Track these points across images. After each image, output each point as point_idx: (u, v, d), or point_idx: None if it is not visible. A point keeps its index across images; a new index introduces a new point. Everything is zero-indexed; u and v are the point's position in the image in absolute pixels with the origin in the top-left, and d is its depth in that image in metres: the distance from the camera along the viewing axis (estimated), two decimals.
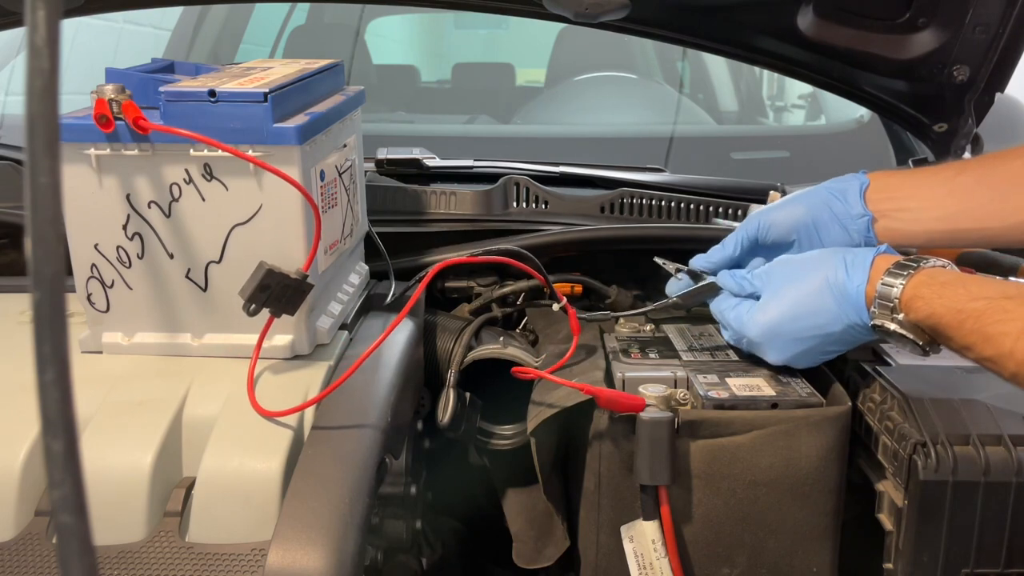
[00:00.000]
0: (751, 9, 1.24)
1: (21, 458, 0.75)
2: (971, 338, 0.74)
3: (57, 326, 0.34)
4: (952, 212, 0.92)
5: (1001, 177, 0.91)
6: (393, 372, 0.87)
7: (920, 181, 0.95)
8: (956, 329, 0.75)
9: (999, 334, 0.72)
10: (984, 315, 0.73)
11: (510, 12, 1.29)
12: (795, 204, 0.96)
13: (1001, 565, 0.79)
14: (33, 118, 0.34)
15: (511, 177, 1.26)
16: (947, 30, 1.20)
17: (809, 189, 0.98)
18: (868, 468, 0.88)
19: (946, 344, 0.79)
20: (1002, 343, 0.71)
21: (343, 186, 0.96)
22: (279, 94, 0.82)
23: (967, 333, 0.75)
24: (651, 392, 0.86)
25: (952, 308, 0.76)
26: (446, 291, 1.19)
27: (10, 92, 1.98)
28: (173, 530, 0.74)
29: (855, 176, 0.96)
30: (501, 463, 1.09)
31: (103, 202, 0.84)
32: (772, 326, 0.89)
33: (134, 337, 0.89)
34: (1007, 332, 0.71)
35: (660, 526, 0.85)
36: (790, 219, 0.95)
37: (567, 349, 0.98)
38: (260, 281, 0.80)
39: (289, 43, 2.66)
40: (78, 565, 0.35)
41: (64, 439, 0.34)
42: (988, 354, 0.73)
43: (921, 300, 0.78)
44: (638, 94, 2.50)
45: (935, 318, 0.77)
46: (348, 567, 0.68)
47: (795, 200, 0.97)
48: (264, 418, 0.78)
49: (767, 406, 0.87)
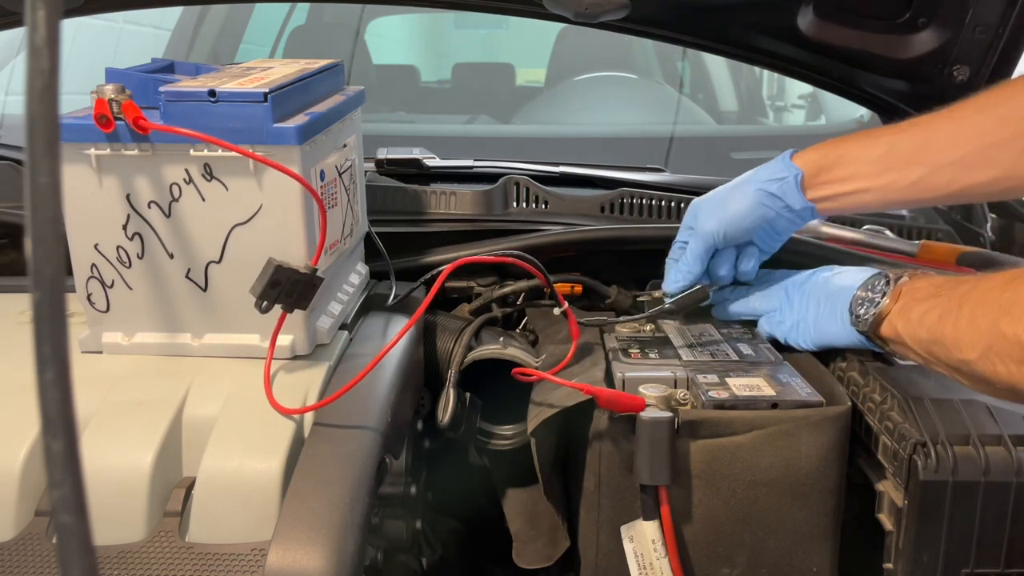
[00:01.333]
0: (751, 9, 1.24)
1: (21, 458, 0.75)
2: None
3: (57, 326, 0.34)
4: (885, 183, 0.94)
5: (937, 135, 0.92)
6: (393, 372, 0.88)
7: (854, 156, 0.95)
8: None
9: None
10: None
11: (510, 12, 1.29)
12: (741, 215, 0.99)
13: (1001, 565, 0.79)
14: (33, 118, 0.34)
15: (511, 177, 1.26)
16: (947, 30, 1.20)
17: (743, 185, 0.99)
18: (868, 468, 0.88)
19: None
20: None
21: (343, 186, 0.96)
22: (279, 94, 0.82)
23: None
24: (651, 392, 0.86)
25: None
26: (446, 291, 1.18)
27: (10, 92, 1.98)
28: (173, 530, 0.74)
29: (786, 165, 0.97)
30: (501, 463, 1.09)
31: (103, 202, 0.84)
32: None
33: (134, 337, 0.89)
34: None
35: (660, 526, 0.85)
36: (741, 228, 1.00)
37: (567, 349, 0.98)
38: (270, 278, 0.80)
39: (289, 43, 2.66)
40: (78, 565, 0.35)
41: (64, 439, 0.34)
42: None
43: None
44: (638, 94, 2.50)
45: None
46: (348, 567, 0.68)
47: (738, 209, 0.99)
48: (264, 418, 0.78)
49: (767, 406, 0.87)
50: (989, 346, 0.71)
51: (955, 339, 0.75)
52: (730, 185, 1.02)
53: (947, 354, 0.76)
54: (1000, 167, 0.87)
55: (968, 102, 0.91)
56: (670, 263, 1.06)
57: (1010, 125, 0.86)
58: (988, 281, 0.74)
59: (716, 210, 1.00)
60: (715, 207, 1.01)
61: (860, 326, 0.88)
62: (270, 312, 0.82)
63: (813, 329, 0.95)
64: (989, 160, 0.87)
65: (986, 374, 0.72)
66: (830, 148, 0.96)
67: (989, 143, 0.87)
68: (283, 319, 0.84)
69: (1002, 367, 0.70)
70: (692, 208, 1.04)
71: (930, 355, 0.80)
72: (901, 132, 0.92)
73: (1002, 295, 0.70)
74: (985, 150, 0.87)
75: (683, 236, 1.05)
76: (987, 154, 0.87)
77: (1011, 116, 0.86)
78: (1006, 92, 0.89)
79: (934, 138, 0.89)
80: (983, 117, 0.88)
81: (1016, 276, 0.71)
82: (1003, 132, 0.86)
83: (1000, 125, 0.86)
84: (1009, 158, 0.86)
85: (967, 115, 0.90)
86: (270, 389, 0.80)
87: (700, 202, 1.04)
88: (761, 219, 0.98)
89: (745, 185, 0.99)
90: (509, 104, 2.52)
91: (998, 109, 0.88)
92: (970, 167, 0.88)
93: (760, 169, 0.99)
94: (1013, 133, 0.86)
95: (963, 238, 1.29)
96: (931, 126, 0.91)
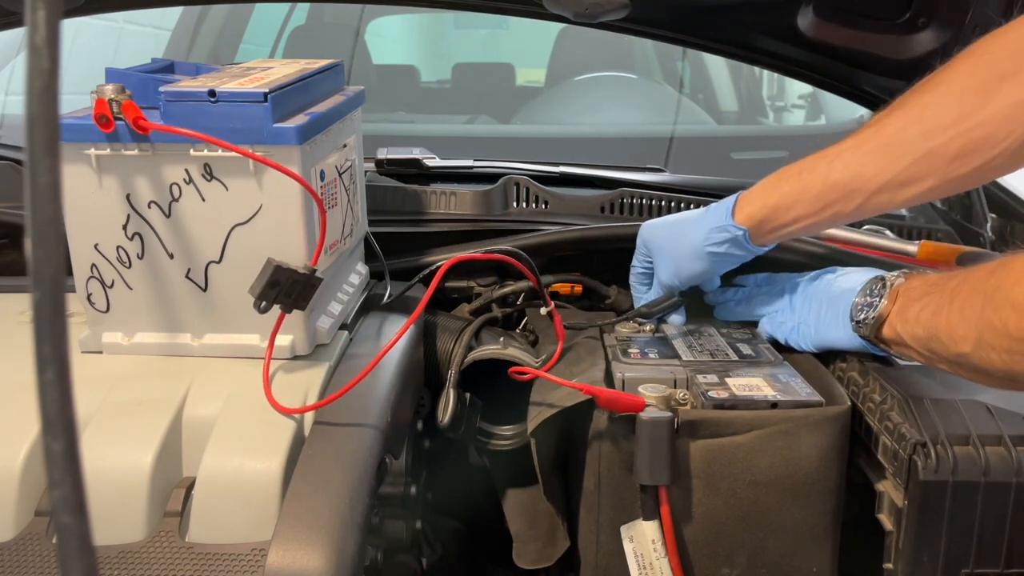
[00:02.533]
0: (751, 9, 1.24)
1: (21, 458, 0.75)
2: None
3: (57, 326, 0.34)
4: (830, 215, 0.93)
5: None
6: (393, 372, 0.87)
7: (792, 200, 0.94)
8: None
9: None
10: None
11: (510, 12, 1.29)
12: (697, 274, 1.01)
13: (1001, 565, 0.79)
14: (33, 118, 0.34)
15: (511, 177, 1.26)
16: (947, 30, 1.19)
17: (690, 242, 0.99)
18: (868, 468, 0.88)
19: None
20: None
21: (343, 186, 0.96)
22: (279, 94, 0.82)
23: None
24: (651, 392, 0.86)
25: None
26: (446, 291, 1.18)
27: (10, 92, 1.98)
28: (173, 530, 0.74)
29: (730, 225, 0.96)
30: (501, 463, 1.09)
31: (103, 202, 0.84)
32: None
33: (134, 337, 0.89)
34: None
35: (660, 526, 0.85)
36: (699, 278, 1.03)
37: (568, 349, 0.98)
38: (269, 278, 0.80)
39: (289, 43, 2.66)
40: (78, 565, 0.35)
41: (64, 439, 0.34)
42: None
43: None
44: (638, 94, 2.50)
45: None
46: (348, 567, 0.68)
47: (692, 268, 1.00)
48: (264, 418, 0.78)
49: (767, 406, 0.87)
50: (980, 336, 0.71)
51: (949, 333, 0.75)
52: (677, 229, 1.02)
53: (945, 349, 0.77)
54: (935, 176, 0.87)
55: (891, 114, 0.90)
56: (636, 290, 1.09)
57: (936, 135, 0.85)
58: (976, 272, 0.75)
59: (669, 262, 1.02)
60: (667, 258, 1.02)
61: (862, 331, 0.88)
62: (270, 312, 0.82)
63: (815, 332, 0.96)
64: (923, 173, 0.87)
65: (982, 364, 0.72)
66: (767, 196, 0.95)
67: (920, 156, 0.86)
68: (282, 319, 0.84)
69: (995, 356, 0.70)
70: (644, 238, 1.05)
71: (930, 352, 0.80)
72: (835, 161, 0.91)
73: (987, 283, 0.71)
74: (918, 164, 0.87)
75: (638, 262, 1.07)
76: (920, 168, 0.87)
77: (936, 125, 0.86)
78: (923, 99, 0.88)
79: (866, 164, 0.89)
80: (910, 131, 0.87)
81: (1002, 263, 0.71)
82: (930, 143, 0.86)
83: (925, 137, 0.86)
84: (941, 166, 0.86)
85: (893, 131, 0.89)
86: (270, 389, 0.80)
87: (651, 237, 1.04)
88: (717, 269, 1.02)
89: (693, 239, 0.99)
90: (509, 104, 2.52)
91: (920, 124, 0.87)
92: (906, 184, 0.88)
93: (703, 218, 0.99)
94: (941, 142, 0.85)
95: (963, 238, 1.29)
96: (861, 149, 0.90)
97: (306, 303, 0.83)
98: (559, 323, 1.00)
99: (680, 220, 1.03)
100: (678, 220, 1.04)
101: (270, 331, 0.84)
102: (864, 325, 0.88)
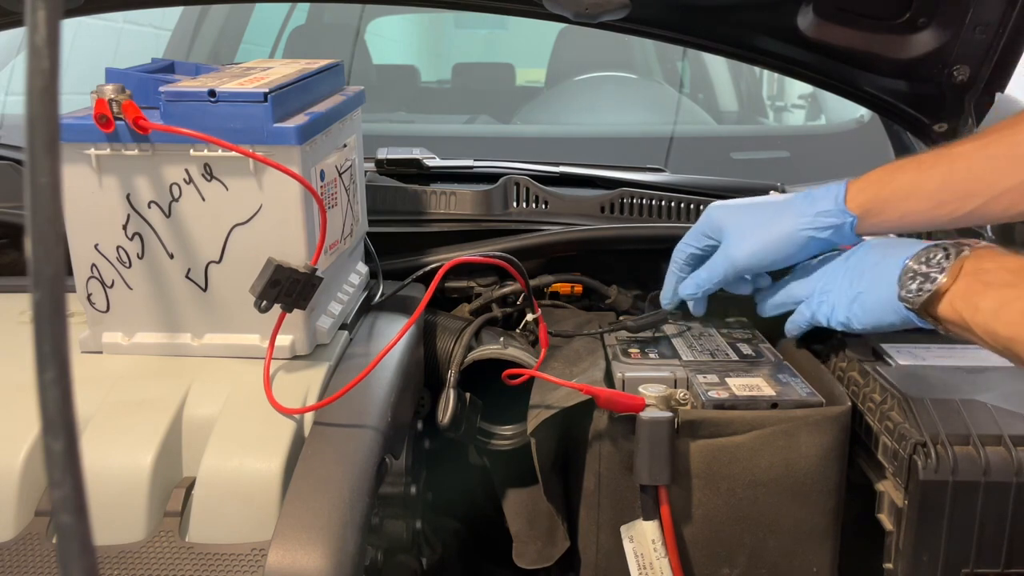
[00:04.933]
0: (751, 9, 1.24)
1: (21, 458, 0.75)
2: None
3: (57, 326, 0.34)
4: (939, 215, 0.90)
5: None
6: (393, 372, 0.88)
7: (907, 191, 0.91)
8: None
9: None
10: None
11: (510, 12, 1.29)
12: (786, 256, 0.95)
13: (1001, 565, 0.79)
14: (33, 118, 0.34)
15: (511, 177, 1.26)
16: (947, 30, 1.19)
17: (785, 221, 0.94)
18: (868, 468, 0.88)
19: None
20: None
21: (343, 186, 0.96)
22: (279, 94, 0.82)
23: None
24: (651, 392, 0.86)
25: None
26: (446, 291, 1.19)
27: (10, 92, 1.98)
28: (173, 530, 0.74)
29: (839, 210, 0.92)
30: (501, 463, 1.09)
31: (103, 202, 0.84)
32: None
33: (134, 337, 0.89)
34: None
35: (660, 526, 0.85)
36: (782, 262, 0.97)
37: (569, 349, 0.98)
38: (270, 277, 0.80)
39: (289, 43, 2.66)
40: (78, 565, 0.35)
41: (64, 439, 0.34)
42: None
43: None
44: (638, 94, 2.50)
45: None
46: (348, 567, 0.68)
47: (784, 250, 0.95)
48: (264, 418, 0.78)
49: (767, 406, 0.87)
50: None
51: None
52: (766, 212, 0.96)
53: None
54: None
55: (1020, 122, 0.86)
56: (679, 274, 1.03)
57: None
58: None
59: (752, 242, 0.95)
60: (750, 238, 0.95)
61: (910, 302, 0.82)
62: (270, 312, 0.82)
63: (858, 307, 0.89)
64: None
65: None
66: (882, 184, 0.91)
67: None
68: (282, 319, 0.84)
69: None
70: (713, 218, 0.99)
71: (1010, 353, 0.74)
72: (957, 160, 0.88)
73: None
74: None
75: (695, 241, 1.01)
76: None
77: None
78: None
79: (992, 168, 0.85)
80: None
81: None
82: None
83: None
84: None
85: (1022, 139, 0.85)
86: (270, 389, 0.80)
87: (726, 217, 0.98)
88: (802, 255, 0.96)
89: (789, 222, 0.94)
90: (509, 104, 2.52)
91: None
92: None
93: (804, 203, 0.94)
94: None
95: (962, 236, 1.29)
96: (985, 152, 0.87)
97: (306, 303, 0.84)
98: (543, 331, 1.02)
99: (767, 203, 0.98)
100: (764, 202, 0.98)
101: (270, 331, 0.84)
102: (915, 296, 0.81)
